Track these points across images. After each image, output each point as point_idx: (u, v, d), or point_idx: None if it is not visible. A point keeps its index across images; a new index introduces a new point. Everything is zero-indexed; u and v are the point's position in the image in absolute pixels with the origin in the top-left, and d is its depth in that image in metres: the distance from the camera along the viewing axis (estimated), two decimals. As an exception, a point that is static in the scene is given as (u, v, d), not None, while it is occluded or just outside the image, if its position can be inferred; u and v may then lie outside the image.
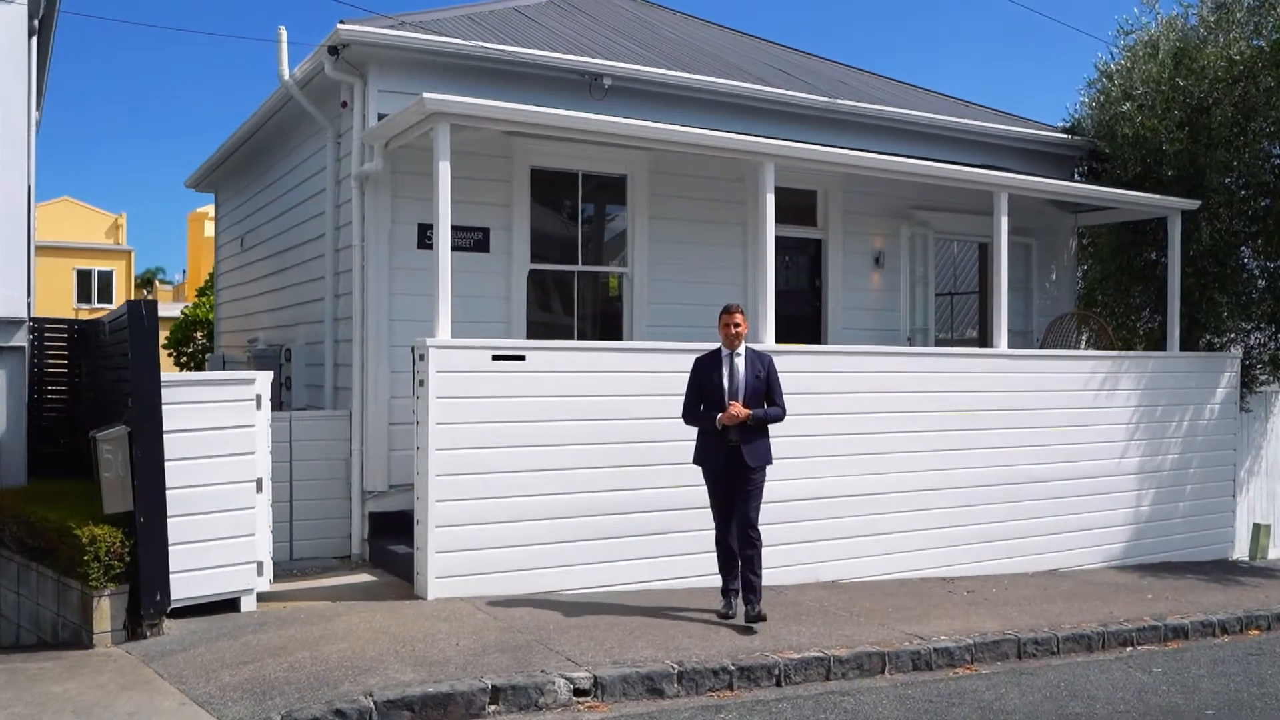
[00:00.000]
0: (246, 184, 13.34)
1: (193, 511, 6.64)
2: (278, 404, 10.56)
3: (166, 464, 6.45)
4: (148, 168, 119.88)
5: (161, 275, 68.22)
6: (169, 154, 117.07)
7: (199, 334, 27.99)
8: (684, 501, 8.02)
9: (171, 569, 6.49)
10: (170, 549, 6.48)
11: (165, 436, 6.45)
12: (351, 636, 6.32)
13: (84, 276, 38.95)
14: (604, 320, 10.12)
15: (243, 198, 13.60)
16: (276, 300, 11.89)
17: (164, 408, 6.46)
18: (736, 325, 7.07)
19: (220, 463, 6.79)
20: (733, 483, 6.99)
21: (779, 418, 7.11)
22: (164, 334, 33.40)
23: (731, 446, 6.93)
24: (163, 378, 6.50)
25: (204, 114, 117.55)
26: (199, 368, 25.07)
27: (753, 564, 6.98)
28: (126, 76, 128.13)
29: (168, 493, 6.45)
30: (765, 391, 7.06)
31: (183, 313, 32.74)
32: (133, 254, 40.94)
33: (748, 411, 6.89)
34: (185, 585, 6.62)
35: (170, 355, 31.66)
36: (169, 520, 6.46)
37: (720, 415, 6.89)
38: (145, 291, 60.25)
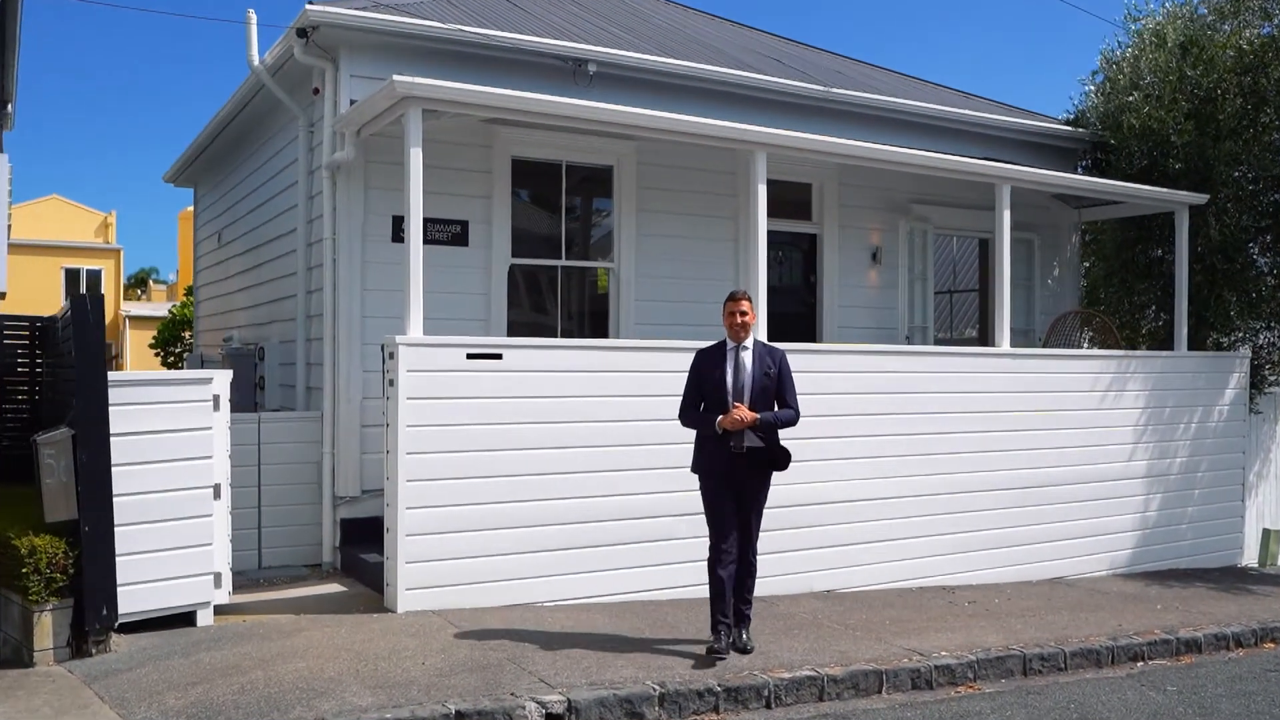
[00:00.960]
0: (222, 178, 12.92)
1: (143, 520, 6.21)
2: (251, 404, 10.14)
3: (114, 469, 6.01)
4: (146, 168, 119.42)
5: (156, 275, 67.83)
6: (166, 154, 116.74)
7: (186, 333, 27.63)
8: (672, 508, 7.60)
9: (120, 581, 6.04)
10: (119, 560, 6.03)
11: (113, 439, 6.01)
12: (311, 654, 5.91)
13: (72, 275, 38.50)
14: (590, 318, 9.69)
15: (219, 192, 13.18)
16: (251, 297, 11.47)
17: (112, 409, 6.02)
18: (743, 314, 6.23)
19: (173, 467, 6.35)
20: (737, 495, 6.21)
21: (791, 421, 6.24)
22: (152, 333, 33.01)
23: (736, 454, 6.10)
24: (111, 377, 6.08)
25: (198, 109, 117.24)
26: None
27: (745, 591, 6.34)
28: (120, 75, 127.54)
29: (115, 500, 6.02)
30: (775, 391, 6.24)
31: (170, 312, 32.36)
32: (121, 252, 40.50)
33: (754, 415, 6.04)
34: (135, 599, 6.19)
35: (158, 355, 31.28)
36: (117, 529, 6.02)
37: (721, 418, 6.07)
38: (139, 291, 59.83)
